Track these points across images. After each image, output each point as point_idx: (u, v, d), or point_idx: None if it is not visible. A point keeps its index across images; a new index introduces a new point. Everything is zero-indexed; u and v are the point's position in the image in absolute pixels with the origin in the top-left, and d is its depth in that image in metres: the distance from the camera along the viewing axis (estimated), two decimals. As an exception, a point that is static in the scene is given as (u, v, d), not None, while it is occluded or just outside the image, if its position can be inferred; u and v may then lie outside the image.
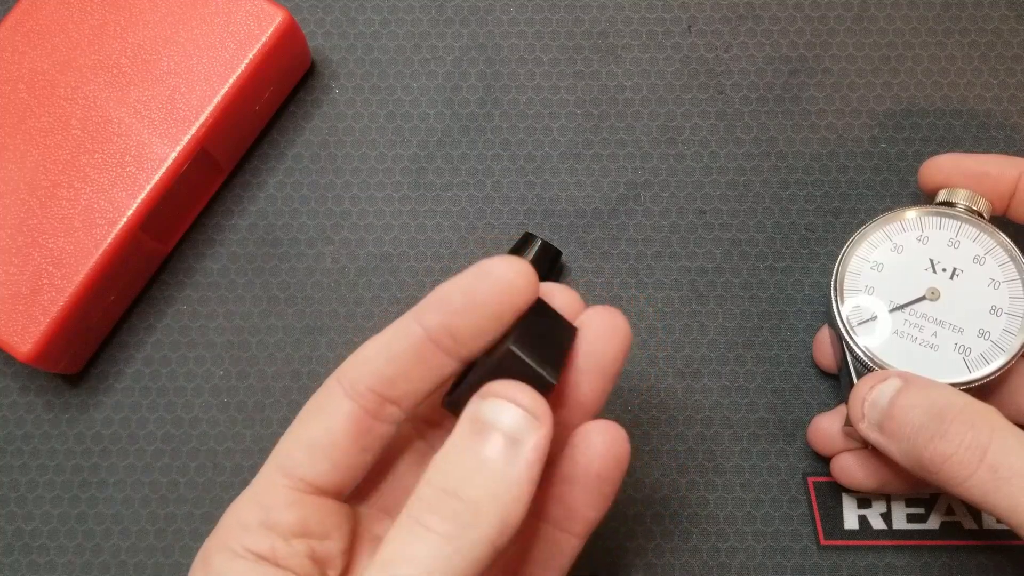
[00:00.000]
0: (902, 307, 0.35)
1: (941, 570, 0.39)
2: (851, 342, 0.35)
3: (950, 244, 0.36)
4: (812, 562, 0.39)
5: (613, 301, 0.42)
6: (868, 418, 0.33)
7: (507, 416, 0.25)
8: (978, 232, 0.36)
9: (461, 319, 0.27)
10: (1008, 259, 0.35)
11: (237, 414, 0.41)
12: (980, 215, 0.36)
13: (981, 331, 0.35)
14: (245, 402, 0.41)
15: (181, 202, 0.41)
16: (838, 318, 0.36)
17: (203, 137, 0.39)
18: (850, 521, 0.39)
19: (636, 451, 0.40)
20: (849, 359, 0.36)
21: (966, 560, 0.39)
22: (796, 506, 0.40)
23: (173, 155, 0.39)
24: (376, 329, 0.41)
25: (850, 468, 0.37)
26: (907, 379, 0.33)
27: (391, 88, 0.44)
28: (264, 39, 0.39)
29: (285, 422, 0.41)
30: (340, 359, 0.41)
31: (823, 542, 0.39)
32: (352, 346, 0.41)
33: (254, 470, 0.41)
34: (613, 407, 0.41)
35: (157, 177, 0.38)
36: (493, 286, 0.27)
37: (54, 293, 0.37)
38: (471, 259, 0.42)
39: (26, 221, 0.38)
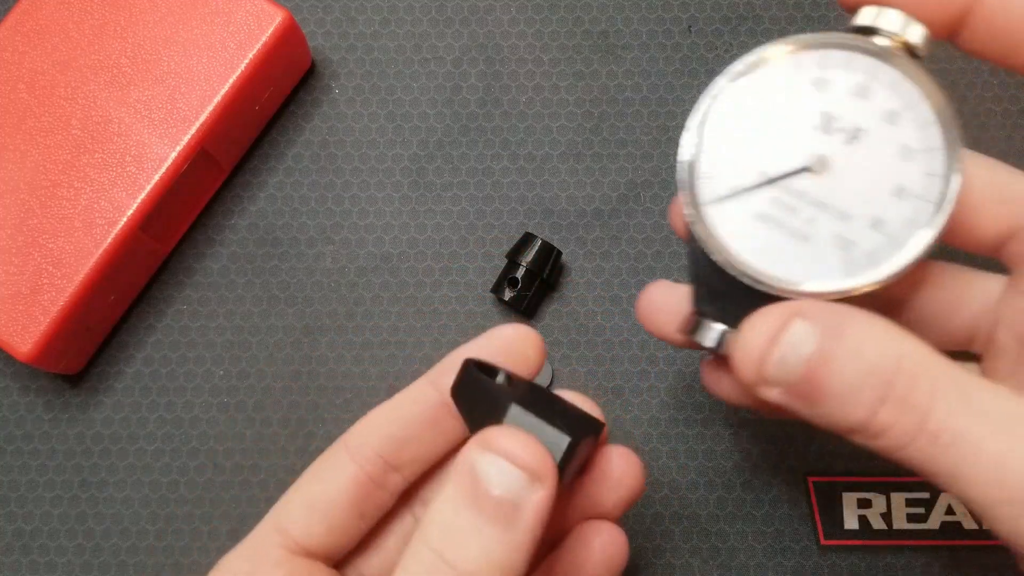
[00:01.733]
0: (774, 181, 0.26)
1: (941, 570, 0.39)
2: (692, 228, 0.26)
3: (857, 93, 0.26)
4: (812, 562, 0.39)
5: (613, 301, 0.42)
6: (772, 380, 0.25)
7: (506, 476, 0.23)
8: (900, 76, 0.25)
9: None
10: (934, 118, 0.25)
11: (237, 414, 0.41)
12: (911, 50, 0.26)
13: (875, 220, 0.25)
14: (245, 402, 0.41)
15: (181, 202, 0.41)
16: (683, 192, 0.26)
17: (203, 137, 0.39)
18: (850, 521, 0.39)
19: (637, 450, 0.40)
20: (695, 258, 0.27)
21: (966, 560, 0.39)
22: (796, 506, 0.40)
23: (173, 155, 0.39)
24: (375, 329, 0.42)
25: (722, 382, 0.30)
26: (818, 322, 0.24)
27: (391, 88, 0.44)
28: (264, 39, 0.39)
29: (285, 422, 0.41)
30: (340, 359, 0.41)
31: (823, 542, 0.39)
32: (352, 346, 0.41)
33: (254, 470, 0.41)
34: (614, 406, 0.41)
35: (157, 177, 0.38)
36: (502, 348, 0.27)
37: (54, 293, 0.37)
38: (471, 259, 0.42)
39: (26, 221, 0.38)
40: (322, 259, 0.42)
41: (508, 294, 0.40)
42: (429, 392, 0.28)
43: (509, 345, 0.28)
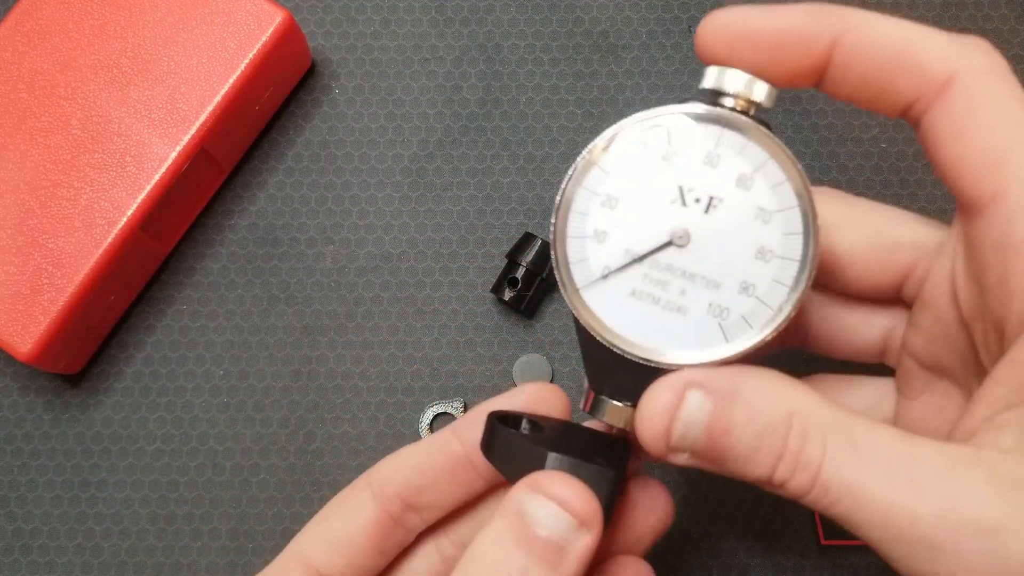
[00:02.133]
0: (642, 258, 0.26)
1: (941, 570, 0.39)
2: (573, 311, 0.27)
3: (707, 161, 0.26)
4: (812, 562, 0.39)
5: (613, 301, 0.41)
6: (679, 449, 0.26)
7: (555, 520, 0.24)
8: (744, 140, 0.26)
9: None
10: (784, 177, 0.26)
11: (237, 414, 0.41)
12: (758, 108, 0.26)
13: (744, 284, 0.26)
14: (245, 402, 0.41)
15: (181, 202, 0.41)
16: (559, 278, 0.27)
17: (203, 137, 0.39)
18: (850, 521, 0.39)
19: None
20: (583, 339, 0.27)
21: (966, 560, 0.39)
22: (796, 506, 0.39)
23: (173, 155, 0.39)
24: (375, 329, 0.42)
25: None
26: (711, 390, 0.25)
27: (391, 88, 0.44)
28: (264, 39, 0.39)
29: (285, 422, 0.41)
30: (340, 359, 0.41)
31: (823, 542, 0.39)
32: (352, 346, 0.41)
33: (254, 470, 0.41)
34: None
35: (157, 177, 0.38)
36: (527, 405, 0.28)
37: (54, 293, 0.37)
38: (471, 259, 0.42)
39: (26, 221, 0.38)
40: (322, 259, 0.42)
41: (508, 294, 0.40)
42: (452, 443, 0.29)
43: (534, 402, 0.29)
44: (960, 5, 0.44)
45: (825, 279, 0.28)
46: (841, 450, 0.24)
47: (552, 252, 0.27)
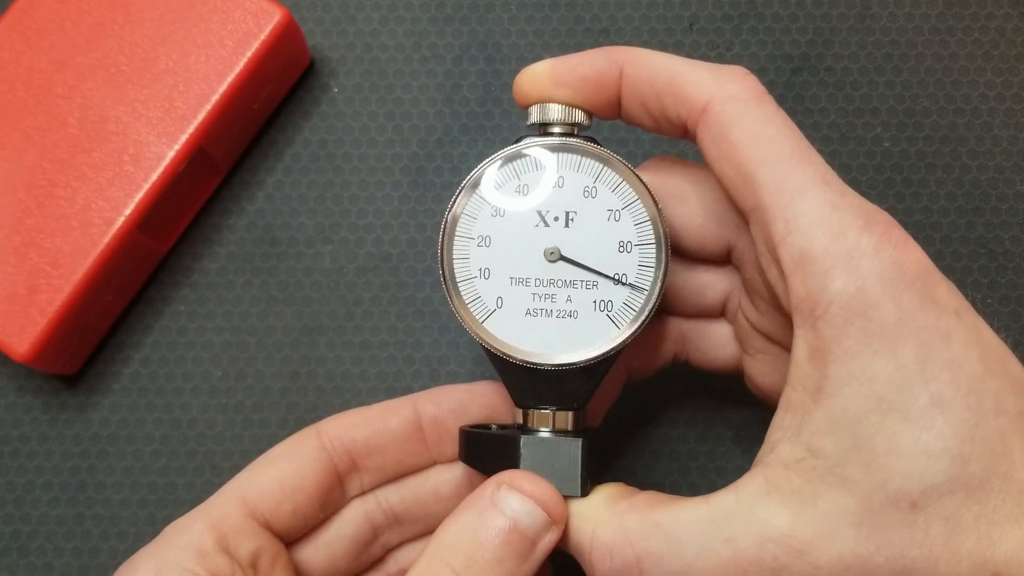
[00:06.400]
0: (525, 281, 0.29)
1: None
2: (482, 344, 0.30)
3: (554, 185, 0.29)
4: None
5: (614, 301, 0.41)
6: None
7: (531, 516, 0.26)
8: (579, 158, 0.30)
9: (452, 419, 0.31)
10: (620, 180, 0.29)
11: (235, 415, 0.41)
12: (581, 127, 0.30)
13: (616, 276, 0.29)
14: (243, 403, 0.41)
15: (179, 201, 0.41)
16: (461, 319, 0.29)
17: (201, 136, 0.39)
18: (853, 523, 0.39)
19: (637, 451, 0.40)
20: (499, 365, 0.30)
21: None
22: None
23: (171, 154, 0.38)
24: (375, 329, 0.41)
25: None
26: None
27: (391, 87, 0.43)
28: (263, 37, 0.39)
29: (283, 423, 0.41)
30: (339, 359, 0.41)
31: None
32: (351, 346, 0.41)
33: (252, 471, 0.41)
34: (614, 407, 0.40)
35: (155, 176, 0.38)
36: (483, 407, 0.32)
37: (51, 293, 0.37)
38: (471, 259, 0.42)
39: (23, 221, 0.38)
40: (321, 259, 0.42)
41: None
42: (408, 410, 0.31)
43: (492, 403, 0.32)
44: (963, 3, 0.43)
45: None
46: (656, 546, 0.26)
47: (448, 297, 0.29)
